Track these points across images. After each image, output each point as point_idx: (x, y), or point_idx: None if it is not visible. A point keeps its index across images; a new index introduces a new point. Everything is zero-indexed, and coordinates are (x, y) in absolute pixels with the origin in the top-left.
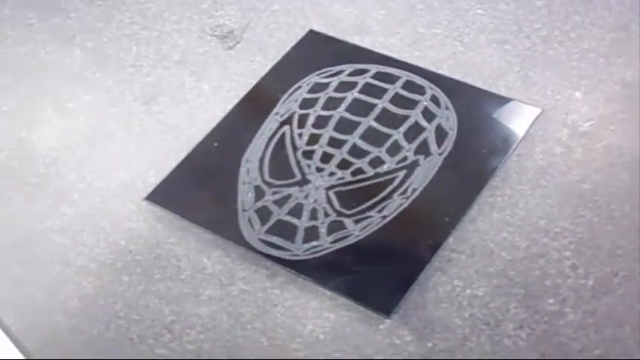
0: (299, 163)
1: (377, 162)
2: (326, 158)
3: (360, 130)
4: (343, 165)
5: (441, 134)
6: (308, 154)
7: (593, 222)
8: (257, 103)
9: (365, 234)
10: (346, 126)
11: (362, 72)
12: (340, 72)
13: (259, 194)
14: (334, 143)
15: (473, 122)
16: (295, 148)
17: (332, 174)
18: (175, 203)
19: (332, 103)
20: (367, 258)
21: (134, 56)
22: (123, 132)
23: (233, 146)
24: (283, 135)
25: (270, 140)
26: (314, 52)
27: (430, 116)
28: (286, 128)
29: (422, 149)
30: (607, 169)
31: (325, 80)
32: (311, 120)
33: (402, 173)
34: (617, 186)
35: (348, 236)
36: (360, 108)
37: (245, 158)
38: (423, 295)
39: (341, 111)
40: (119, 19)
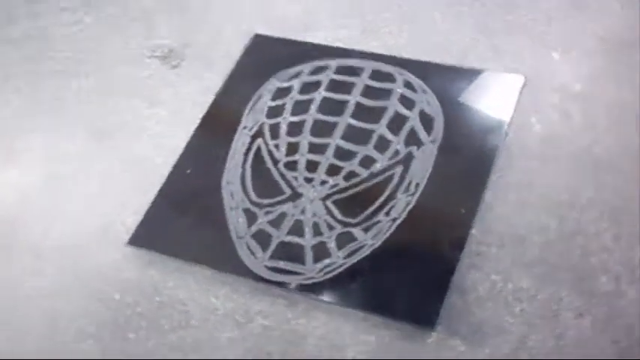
0: (284, 177)
1: (368, 161)
2: (312, 167)
3: (340, 131)
4: (333, 171)
5: (427, 120)
6: (291, 166)
7: (618, 186)
8: (220, 120)
9: (379, 242)
10: (323, 128)
11: (322, 69)
12: (299, 73)
13: (251, 218)
14: (316, 149)
15: (457, 102)
16: (275, 161)
17: (323, 182)
18: (162, 243)
19: (301, 107)
20: (389, 268)
21: (75, 92)
22: (83, 174)
23: (208, 170)
24: (258, 149)
25: (245, 157)
26: (266, 57)
27: (409, 103)
28: (259, 141)
29: (412, 140)
30: (614, 128)
31: (286, 84)
32: (284, 128)
33: (399, 169)
34: (630, 143)
35: (362, 247)
36: (332, 107)
37: (225, 181)
38: (464, 298)
39: (313, 113)
40: (49, 56)
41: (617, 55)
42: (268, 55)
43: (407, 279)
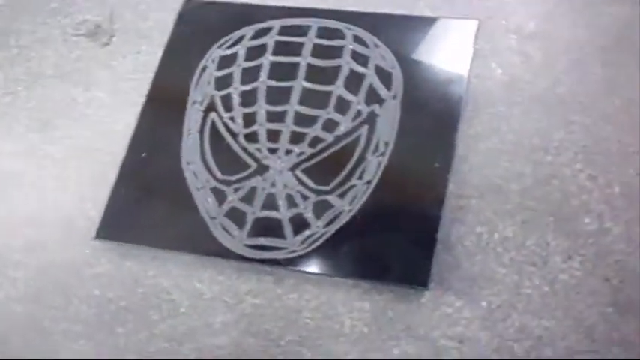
0: (246, 150)
1: (331, 125)
2: (273, 136)
3: (296, 96)
4: (296, 139)
5: (385, 76)
6: (251, 137)
7: (587, 125)
8: (167, 97)
9: (357, 207)
10: (277, 95)
11: (265, 31)
12: (241, 38)
13: (220, 196)
14: (274, 117)
15: (412, 54)
16: (234, 135)
17: (289, 152)
18: (132, 233)
19: (250, 75)
20: (372, 232)
21: (2, 82)
22: (33, 170)
23: (164, 152)
24: (213, 124)
25: (201, 134)
26: (202, 24)
27: (363, 59)
28: (213, 115)
29: (372, 97)
30: (575, 66)
31: (230, 51)
32: (236, 99)
33: (364, 129)
34: (593, 80)
35: (340, 214)
36: (283, 71)
37: (184, 161)
38: (452, 253)
39: (264, 80)
40: None
41: None
42: (204, 22)
43: (392, 241)
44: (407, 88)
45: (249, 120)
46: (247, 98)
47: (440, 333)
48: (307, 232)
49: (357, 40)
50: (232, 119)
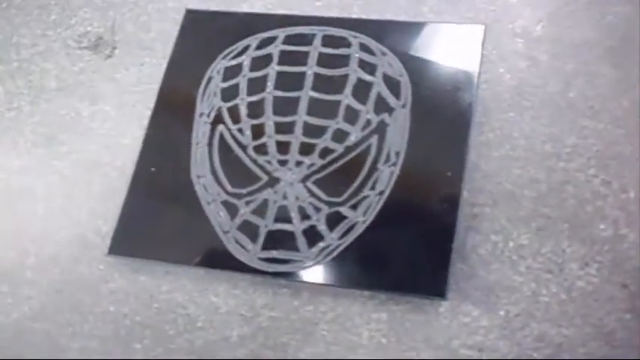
0: (256, 162)
1: (341, 135)
2: (283, 148)
3: (304, 106)
4: (306, 150)
5: (393, 84)
6: (261, 149)
7: (599, 130)
8: (173, 109)
9: (370, 218)
10: (285, 106)
11: (270, 41)
12: (246, 48)
13: (232, 210)
14: (283, 128)
15: (419, 61)
16: (243, 147)
17: (299, 163)
18: (145, 248)
19: (256, 85)
20: (387, 243)
21: (4, 97)
22: (42, 186)
23: (173, 166)
24: (222, 136)
25: (210, 147)
26: (205, 34)
27: (370, 68)
28: (221, 128)
29: (381, 106)
30: (584, 68)
31: (235, 62)
32: (243, 110)
33: (375, 139)
34: (604, 83)
35: (354, 225)
36: (290, 81)
37: (194, 175)
38: (468, 263)
39: (271, 91)
40: None
41: None
42: (207, 32)
43: (407, 251)
44: (416, 96)
45: (257, 131)
46: (255, 109)
47: (459, 343)
48: (322, 244)
49: (363, 48)
50: (240, 131)
